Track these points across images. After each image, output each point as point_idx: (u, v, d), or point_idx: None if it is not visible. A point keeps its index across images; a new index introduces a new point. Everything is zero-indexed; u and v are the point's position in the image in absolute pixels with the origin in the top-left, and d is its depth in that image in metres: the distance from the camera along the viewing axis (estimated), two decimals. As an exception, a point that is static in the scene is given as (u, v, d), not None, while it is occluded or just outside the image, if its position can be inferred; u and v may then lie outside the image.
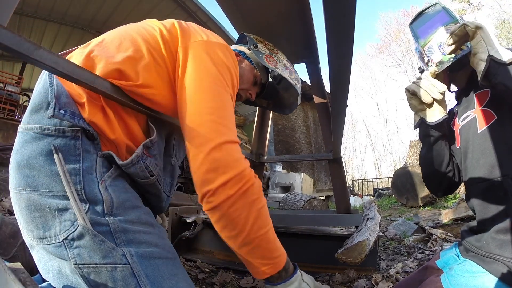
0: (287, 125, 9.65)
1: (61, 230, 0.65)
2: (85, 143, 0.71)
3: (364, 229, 1.35)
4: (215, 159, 0.71)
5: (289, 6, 1.43)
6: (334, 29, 0.47)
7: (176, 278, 0.72)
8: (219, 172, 0.71)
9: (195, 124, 0.75)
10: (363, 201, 4.68)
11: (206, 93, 0.78)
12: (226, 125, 0.76)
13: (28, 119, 0.73)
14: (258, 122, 2.19)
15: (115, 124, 0.76)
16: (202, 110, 0.76)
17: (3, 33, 0.42)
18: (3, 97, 7.23)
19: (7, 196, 3.35)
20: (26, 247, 1.08)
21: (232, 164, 0.72)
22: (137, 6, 7.66)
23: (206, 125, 0.74)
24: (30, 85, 12.13)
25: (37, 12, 7.96)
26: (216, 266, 2.04)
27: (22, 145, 0.71)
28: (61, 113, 0.69)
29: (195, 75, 0.80)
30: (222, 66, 0.84)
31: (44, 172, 0.68)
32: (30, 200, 0.67)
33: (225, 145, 0.73)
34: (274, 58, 1.21)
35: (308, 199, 4.69)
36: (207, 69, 0.81)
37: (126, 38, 0.82)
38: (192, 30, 0.90)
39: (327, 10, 0.42)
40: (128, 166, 0.75)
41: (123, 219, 0.70)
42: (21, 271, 0.62)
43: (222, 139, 0.73)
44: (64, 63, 0.54)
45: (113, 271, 0.65)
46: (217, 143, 0.72)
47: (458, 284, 0.83)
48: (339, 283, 1.71)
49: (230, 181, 0.71)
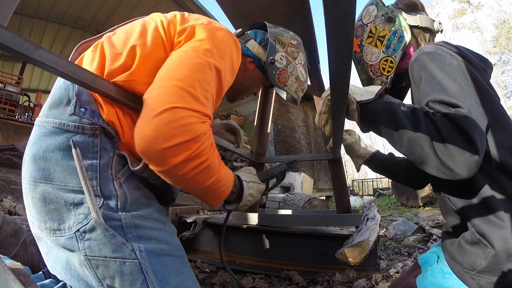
0: (287, 125, 9.64)
1: (75, 223, 0.67)
2: (103, 141, 0.73)
3: (364, 229, 1.35)
4: (160, 124, 0.63)
5: (289, 6, 1.43)
6: (334, 29, 0.47)
7: (183, 276, 0.73)
8: (168, 137, 0.64)
9: (156, 86, 0.68)
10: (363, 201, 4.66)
11: (184, 63, 0.72)
12: (194, 94, 0.68)
13: (46, 113, 0.74)
14: (258, 122, 2.18)
15: (126, 127, 0.76)
16: (170, 75, 0.69)
17: (3, 33, 0.42)
18: (3, 97, 7.23)
19: (7, 196, 3.36)
20: (28, 245, 1.09)
21: (182, 129, 0.65)
22: (137, 6, 7.67)
23: (168, 89, 0.66)
24: (30, 85, 12.13)
25: (37, 12, 7.97)
26: (216, 266, 2.04)
27: (39, 137, 0.72)
28: (81, 111, 0.70)
29: (182, 49, 0.77)
30: (220, 50, 0.80)
31: (61, 166, 0.69)
32: (45, 193, 0.68)
33: (181, 110, 0.65)
34: (288, 72, 1.16)
35: (308, 199, 4.69)
36: (197, 45, 0.77)
37: (131, 32, 0.82)
38: (193, 16, 0.88)
39: (327, 10, 0.42)
40: (141, 171, 0.75)
41: (136, 214, 0.71)
42: (21, 271, 0.63)
43: (180, 104, 0.65)
44: (64, 63, 0.54)
45: (122, 265, 0.67)
46: (171, 106, 0.64)
47: (429, 284, 0.83)
48: (339, 283, 1.71)
49: (179, 147, 0.65)
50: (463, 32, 22.87)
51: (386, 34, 0.94)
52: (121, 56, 0.76)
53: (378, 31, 0.95)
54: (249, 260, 2.08)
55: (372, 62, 0.98)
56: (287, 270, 1.91)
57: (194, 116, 0.67)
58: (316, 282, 1.79)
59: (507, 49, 20.18)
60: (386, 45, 0.94)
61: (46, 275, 0.91)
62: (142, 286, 0.67)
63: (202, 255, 2.18)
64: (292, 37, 1.18)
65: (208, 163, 0.71)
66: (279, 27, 1.19)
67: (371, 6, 0.99)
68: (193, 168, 0.68)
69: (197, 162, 0.68)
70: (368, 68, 1.00)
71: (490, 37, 21.44)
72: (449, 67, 0.75)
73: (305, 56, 1.25)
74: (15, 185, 3.67)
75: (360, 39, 1.00)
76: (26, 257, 1.06)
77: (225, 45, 0.84)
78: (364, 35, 0.99)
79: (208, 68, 0.75)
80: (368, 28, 0.98)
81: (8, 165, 4.04)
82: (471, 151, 0.64)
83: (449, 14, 23.29)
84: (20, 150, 4.13)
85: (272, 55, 1.11)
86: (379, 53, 0.96)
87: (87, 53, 0.81)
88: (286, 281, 1.83)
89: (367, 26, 0.98)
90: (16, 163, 4.09)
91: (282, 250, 2.01)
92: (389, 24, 0.94)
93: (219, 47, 0.81)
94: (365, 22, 0.99)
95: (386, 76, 0.97)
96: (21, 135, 5.85)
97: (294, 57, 1.17)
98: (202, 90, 0.71)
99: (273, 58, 1.11)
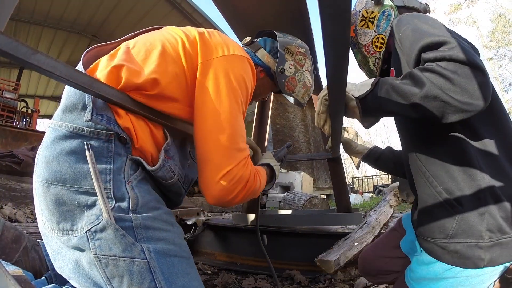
0: (286, 124, 9.66)
1: (86, 223, 0.69)
2: (118, 147, 0.75)
3: (348, 241, 1.37)
4: (224, 186, 0.83)
5: (287, 6, 1.43)
6: (330, 29, 0.47)
7: (189, 277, 0.75)
8: (230, 192, 0.84)
9: (212, 150, 0.84)
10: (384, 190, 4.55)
11: (223, 120, 0.84)
12: (238, 148, 0.86)
13: (61, 117, 0.75)
14: (257, 122, 2.19)
15: (140, 132, 0.79)
16: (219, 138, 0.84)
17: (0, 38, 0.42)
18: (1, 103, 7.22)
19: (7, 203, 3.35)
20: (29, 251, 1.08)
21: (238, 182, 0.85)
22: (132, 9, 7.66)
23: (221, 154, 0.83)
24: (28, 91, 12.12)
25: (33, 18, 7.96)
26: (217, 268, 2.04)
27: (53, 140, 0.73)
28: (98, 118, 0.72)
29: (213, 97, 0.85)
30: (240, 84, 0.89)
31: (74, 168, 0.70)
32: (58, 194, 0.70)
33: (233, 170, 0.84)
34: (296, 79, 1.20)
35: (308, 198, 4.69)
36: (225, 90, 0.86)
37: (151, 51, 0.85)
38: (213, 43, 0.91)
39: (322, 9, 0.42)
40: (157, 170, 0.79)
41: (146, 216, 0.73)
42: (22, 278, 0.63)
43: (232, 165, 0.83)
44: (61, 67, 0.54)
45: (131, 264, 0.68)
46: (227, 170, 0.82)
47: (417, 279, 0.88)
48: (341, 281, 1.71)
49: (238, 194, 0.86)
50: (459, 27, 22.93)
51: (376, 15, 1.03)
52: (140, 76, 0.79)
53: (368, 14, 1.05)
54: (250, 260, 2.08)
55: (365, 42, 1.07)
56: (288, 269, 1.92)
57: (241, 167, 0.85)
58: (318, 281, 1.79)
59: (504, 43, 20.19)
60: (376, 24, 1.03)
61: (49, 280, 0.91)
62: (150, 285, 0.69)
63: (204, 257, 2.18)
64: (300, 45, 1.23)
65: (254, 188, 0.91)
66: (288, 36, 1.24)
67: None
68: (245, 197, 0.89)
69: (248, 193, 0.89)
70: (363, 48, 1.09)
71: (487, 31, 21.48)
72: (432, 21, 0.82)
73: (311, 62, 1.29)
74: (15, 192, 3.66)
75: (354, 25, 1.10)
76: (28, 263, 1.06)
77: (244, 80, 0.91)
78: (357, 20, 1.09)
79: (239, 113, 0.88)
80: (360, 14, 1.08)
81: (7, 172, 4.03)
82: (479, 74, 0.66)
83: (445, 10, 23.35)
84: (19, 157, 4.11)
85: (282, 64, 1.16)
86: (371, 33, 1.05)
87: (103, 60, 0.83)
88: (288, 281, 1.83)
89: (360, 12, 1.08)
90: (15, 169, 4.08)
91: (284, 250, 2.01)
92: (378, 6, 1.03)
93: (240, 83, 0.89)
94: (358, 9, 1.09)
95: (378, 52, 1.05)
96: (20, 142, 5.83)
97: (302, 65, 1.22)
98: (241, 138, 0.88)
99: (283, 68, 1.16)
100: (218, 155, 0.83)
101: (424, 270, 0.85)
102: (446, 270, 0.78)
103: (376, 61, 1.07)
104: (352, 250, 1.25)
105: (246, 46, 1.20)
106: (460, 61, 0.67)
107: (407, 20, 0.86)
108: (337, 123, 0.95)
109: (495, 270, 0.73)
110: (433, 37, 0.74)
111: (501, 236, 0.71)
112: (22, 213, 3.02)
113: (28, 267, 1.05)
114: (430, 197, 0.84)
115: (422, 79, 0.70)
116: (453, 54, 0.68)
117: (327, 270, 1.08)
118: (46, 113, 14.57)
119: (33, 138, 5.88)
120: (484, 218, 0.73)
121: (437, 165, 0.82)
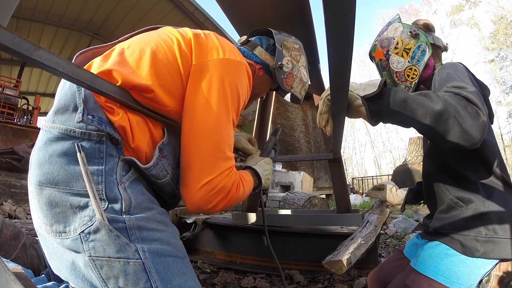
0: (286, 124, 9.65)
1: (80, 225, 0.68)
2: (109, 147, 0.74)
3: (354, 240, 1.36)
4: (204, 195, 0.82)
5: (289, 5, 1.43)
6: (334, 29, 0.47)
7: (185, 277, 0.75)
8: (210, 201, 0.84)
9: (194, 159, 0.83)
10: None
11: (210, 128, 0.83)
12: (224, 157, 0.85)
13: (53, 118, 0.75)
14: (258, 122, 2.19)
15: (137, 131, 0.78)
16: (204, 145, 0.83)
17: (3, 33, 0.42)
18: (2, 100, 7.22)
19: (7, 200, 3.35)
20: (27, 248, 1.09)
21: (219, 192, 0.84)
22: (134, 8, 7.65)
23: (204, 164, 0.82)
24: (28, 89, 12.13)
25: (34, 15, 7.96)
26: (217, 267, 2.04)
27: (45, 142, 0.73)
28: (89, 118, 0.71)
29: (203, 102, 0.84)
30: (233, 92, 0.88)
31: (66, 170, 0.70)
32: (51, 196, 0.70)
33: (215, 179, 0.83)
34: (293, 75, 1.22)
35: (308, 198, 4.69)
36: (216, 96, 0.85)
37: (145, 51, 0.84)
38: (208, 45, 0.91)
39: (327, 9, 0.42)
40: (151, 168, 0.78)
41: (139, 217, 0.73)
42: (21, 274, 0.63)
43: (215, 174, 0.82)
44: (64, 64, 0.54)
45: (126, 265, 0.68)
46: (208, 180, 0.81)
47: (422, 260, 0.97)
48: (340, 282, 1.71)
49: (218, 203, 0.85)
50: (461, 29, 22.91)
51: (412, 47, 1.12)
52: (134, 77, 0.79)
53: (404, 44, 1.13)
54: (249, 260, 2.08)
55: (398, 69, 1.15)
56: (288, 269, 1.92)
57: (225, 177, 0.84)
58: (317, 281, 1.79)
59: (505, 45, 20.12)
60: (411, 56, 1.12)
61: (47, 278, 0.91)
62: (145, 285, 0.69)
63: (203, 256, 2.18)
64: (295, 41, 1.25)
65: (236, 197, 0.89)
66: (283, 32, 1.25)
67: (396, 23, 1.18)
68: (226, 206, 0.88)
69: (229, 202, 0.88)
70: (394, 74, 1.17)
71: (488, 33, 21.43)
72: (461, 73, 0.96)
73: (305, 58, 1.31)
74: (15, 189, 3.66)
75: (386, 49, 1.17)
76: (26, 260, 1.06)
77: (237, 88, 0.90)
78: (390, 46, 1.16)
79: (228, 121, 0.87)
80: (394, 41, 1.15)
81: (7, 169, 4.03)
82: (481, 116, 0.80)
83: (447, 11, 23.32)
84: (19, 154, 4.12)
85: (280, 60, 1.17)
86: (404, 62, 1.13)
87: (96, 60, 0.83)
88: (287, 280, 1.83)
89: (394, 39, 1.15)
90: (16, 166, 4.08)
91: (283, 250, 2.01)
92: (414, 39, 1.12)
93: (233, 91, 0.88)
94: (391, 36, 1.16)
95: (410, 82, 1.14)
96: (20, 139, 5.84)
97: (297, 60, 1.24)
98: (228, 146, 0.87)
99: (281, 63, 1.18)
100: (201, 162, 0.82)
101: (430, 251, 0.98)
102: (448, 249, 0.93)
103: (407, 89, 1.13)
104: (360, 248, 1.25)
105: (243, 46, 1.21)
106: (472, 101, 0.81)
107: (444, 68, 1.00)
108: (338, 124, 0.96)
109: (486, 263, 0.88)
110: (459, 82, 0.89)
111: (494, 235, 0.87)
112: (22, 209, 3.02)
113: (27, 264, 1.05)
114: (445, 203, 1.00)
115: (439, 98, 0.81)
116: (468, 95, 0.82)
117: (337, 272, 1.08)
118: (46, 110, 14.55)
119: (33, 135, 5.90)
120: (483, 219, 0.90)
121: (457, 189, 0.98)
